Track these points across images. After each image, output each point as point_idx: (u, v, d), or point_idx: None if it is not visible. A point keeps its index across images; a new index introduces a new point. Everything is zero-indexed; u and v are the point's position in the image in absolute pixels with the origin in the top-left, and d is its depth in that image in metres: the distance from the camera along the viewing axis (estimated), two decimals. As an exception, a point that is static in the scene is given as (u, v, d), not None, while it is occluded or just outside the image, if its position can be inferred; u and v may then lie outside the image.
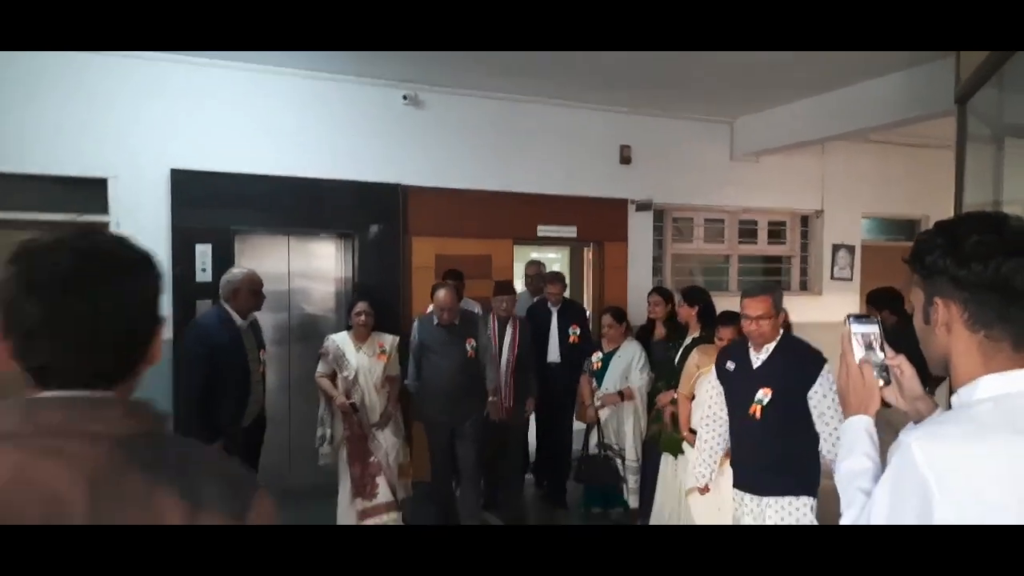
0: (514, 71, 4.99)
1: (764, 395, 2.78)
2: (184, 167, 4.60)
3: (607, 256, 6.07)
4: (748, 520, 2.88)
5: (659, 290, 4.86)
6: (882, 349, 1.22)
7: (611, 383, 4.49)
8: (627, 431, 4.50)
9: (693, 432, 3.55)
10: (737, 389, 2.93)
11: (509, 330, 4.61)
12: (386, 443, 4.14)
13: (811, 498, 2.79)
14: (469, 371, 4.27)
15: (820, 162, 6.85)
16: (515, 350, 4.58)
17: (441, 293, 4.19)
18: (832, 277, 7.03)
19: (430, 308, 4.40)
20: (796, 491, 2.77)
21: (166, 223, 4.57)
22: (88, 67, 4.37)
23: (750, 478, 2.87)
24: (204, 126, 4.69)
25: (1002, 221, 1.05)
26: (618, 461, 4.49)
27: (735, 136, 6.52)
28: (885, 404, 1.23)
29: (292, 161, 4.92)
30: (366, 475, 4.04)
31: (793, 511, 2.78)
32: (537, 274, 5.52)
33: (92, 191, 4.43)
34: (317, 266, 5.32)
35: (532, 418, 4.94)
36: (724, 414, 3.03)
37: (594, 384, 4.57)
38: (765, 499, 2.82)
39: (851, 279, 7.08)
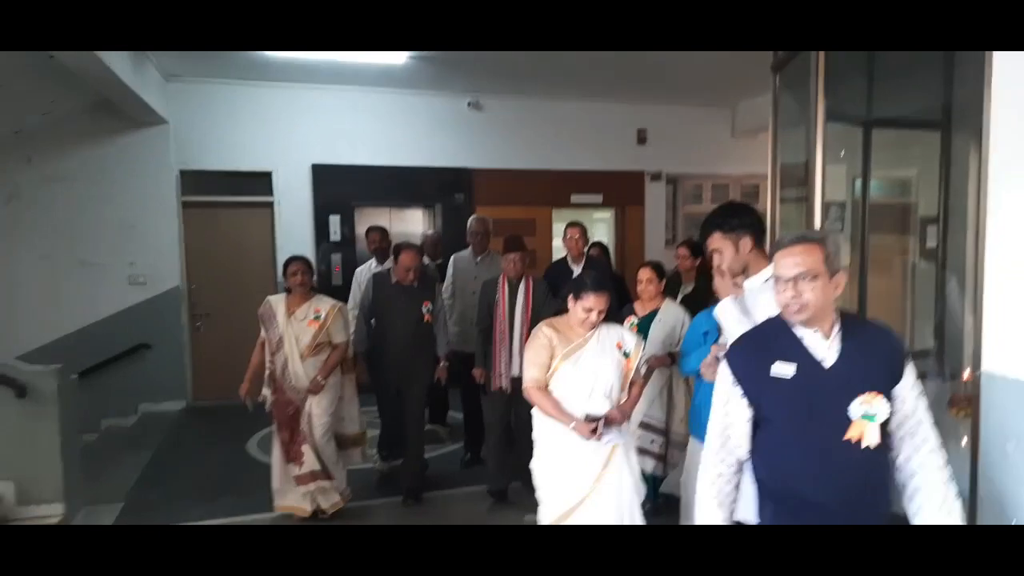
0: (551, 77, 6.65)
1: (870, 406, 1.76)
2: (320, 162, 6.72)
3: (628, 218, 7.79)
4: None
5: (687, 243, 4.53)
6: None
7: (652, 352, 3.60)
8: (677, 401, 3.74)
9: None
10: (803, 402, 1.82)
11: (521, 290, 4.07)
12: (313, 413, 3.88)
13: None
14: (421, 334, 4.13)
15: (813, 134, 8.20)
16: (528, 313, 3.99)
17: (405, 255, 4.03)
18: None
19: (388, 266, 4.40)
20: None
21: (309, 201, 6.73)
22: (257, 95, 6.49)
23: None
24: (332, 133, 6.76)
25: (746, 204, 2.80)
26: (658, 441, 3.71)
27: (736, 117, 8.00)
28: None
29: (390, 154, 6.92)
30: (295, 441, 3.91)
31: None
32: (483, 231, 4.70)
33: (262, 181, 6.63)
34: (410, 229, 7.26)
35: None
36: (743, 450, 1.92)
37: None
38: None
39: (842, 230, 8.43)
